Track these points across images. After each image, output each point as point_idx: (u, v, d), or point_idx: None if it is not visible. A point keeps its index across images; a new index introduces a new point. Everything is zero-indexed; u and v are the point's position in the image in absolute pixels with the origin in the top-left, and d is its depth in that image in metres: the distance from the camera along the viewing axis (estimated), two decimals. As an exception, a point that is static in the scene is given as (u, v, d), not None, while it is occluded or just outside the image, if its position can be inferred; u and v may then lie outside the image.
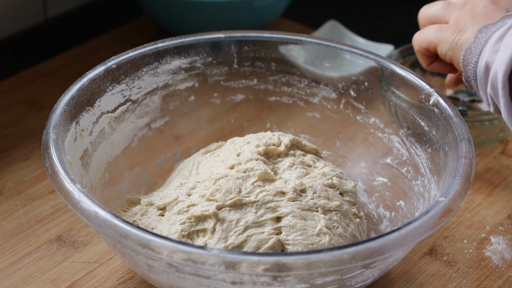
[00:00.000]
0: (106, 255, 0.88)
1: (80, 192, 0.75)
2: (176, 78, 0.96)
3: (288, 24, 1.29)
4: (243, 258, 0.69)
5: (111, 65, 0.91)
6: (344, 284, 0.76)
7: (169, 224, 0.81)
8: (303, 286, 0.74)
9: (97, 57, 1.17)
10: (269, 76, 0.99)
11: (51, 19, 1.25)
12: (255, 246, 0.79)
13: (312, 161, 0.88)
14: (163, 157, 0.97)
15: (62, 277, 0.85)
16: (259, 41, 0.97)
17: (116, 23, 1.29)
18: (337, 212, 0.83)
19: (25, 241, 0.89)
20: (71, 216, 0.93)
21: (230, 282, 0.73)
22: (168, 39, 0.95)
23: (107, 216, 0.72)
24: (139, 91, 0.94)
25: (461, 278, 0.87)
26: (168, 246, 0.70)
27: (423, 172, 0.88)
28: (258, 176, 0.83)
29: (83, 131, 0.87)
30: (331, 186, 0.85)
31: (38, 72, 1.17)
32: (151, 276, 0.78)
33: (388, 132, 0.94)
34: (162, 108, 0.96)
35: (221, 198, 0.81)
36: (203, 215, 0.81)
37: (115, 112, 0.91)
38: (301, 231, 0.80)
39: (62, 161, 0.78)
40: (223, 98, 0.99)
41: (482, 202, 0.97)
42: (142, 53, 0.93)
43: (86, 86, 0.88)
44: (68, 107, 0.85)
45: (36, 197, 0.95)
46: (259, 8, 1.20)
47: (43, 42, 1.23)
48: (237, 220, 0.80)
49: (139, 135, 0.95)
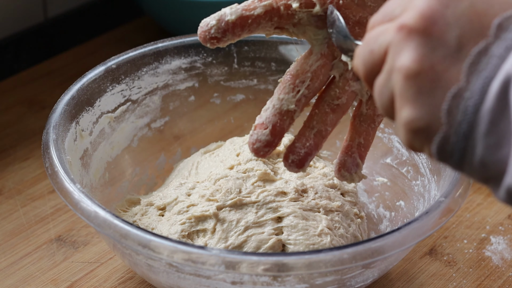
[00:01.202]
0: (106, 255, 0.88)
1: (80, 192, 0.75)
2: (176, 78, 0.96)
3: (288, 24, 1.29)
4: (243, 258, 0.69)
5: (111, 65, 0.91)
6: (344, 284, 0.76)
7: (169, 224, 0.81)
8: (303, 286, 0.74)
9: (97, 57, 1.17)
10: (269, 76, 0.99)
11: (51, 19, 1.25)
12: (255, 246, 0.79)
13: (312, 161, 0.88)
14: (163, 157, 0.97)
15: (62, 277, 0.85)
16: (259, 41, 0.97)
17: (116, 23, 1.29)
18: (339, 213, 0.83)
19: (25, 241, 0.89)
20: (71, 216, 0.93)
21: (230, 282, 0.73)
22: (168, 39, 0.95)
23: (107, 216, 0.72)
24: (139, 91, 0.94)
25: (461, 278, 0.87)
26: (168, 246, 0.70)
27: (423, 172, 0.88)
28: (258, 177, 0.83)
29: (83, 131, 0.87)
30: (332, 186, 0.85)
31: (38, 72, 1.17)
32: (151, 276, 0.78)
33: (388, 132, 0.94)
34: (162, 108, 0.96)
35: (221, 198, 0.81)
36: (203, 215, 0.81)
37: (115, 112, 0.91)
38: (303, 231, 0.80)
39: (62, 161, 0.78)
40: (223, 98, 0.99)
41: (482, 202, 0.97)
42: (142, 53, 0.93)
43: (86, 86, 0.88)
44: (68, 107, 0.85)
45: (36, 197, 0.95)
46: (259, 8, 1.20)
47: (43, 42, 1.23)
48: (238, 220, 0.80)
49: (139, 135, 0.95)
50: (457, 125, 0.49)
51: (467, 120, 0.49)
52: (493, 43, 0.49)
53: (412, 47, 0.50)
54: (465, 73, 0.49)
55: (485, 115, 0.48)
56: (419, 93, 0.50)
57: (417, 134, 0.51)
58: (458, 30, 0.49)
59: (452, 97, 0.49)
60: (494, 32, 0.49)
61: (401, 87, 0.51)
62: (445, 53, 0.49)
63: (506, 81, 0.47)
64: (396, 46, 0.51)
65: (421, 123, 0.50)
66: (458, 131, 0.49)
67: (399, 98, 0.51)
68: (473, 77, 0.49)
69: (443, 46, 0.49)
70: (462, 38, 0.49)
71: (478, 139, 0.49)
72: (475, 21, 0.49)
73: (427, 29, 0.50)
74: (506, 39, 0.49)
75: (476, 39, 0.49)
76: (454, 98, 0.49)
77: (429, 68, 0.50)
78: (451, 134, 0.50)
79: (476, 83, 0.48)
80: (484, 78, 0.48)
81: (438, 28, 0.50)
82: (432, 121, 0.50)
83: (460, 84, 0.49)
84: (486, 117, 0.48)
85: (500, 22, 0.49)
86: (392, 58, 0.51)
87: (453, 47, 0.49)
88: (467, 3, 0.50)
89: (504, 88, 0.47)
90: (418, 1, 0.51)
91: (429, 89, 0.50)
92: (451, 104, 0.49)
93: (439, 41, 0.50)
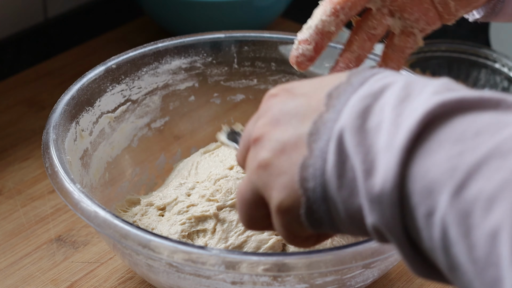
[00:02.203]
0: (106, 255, 0.88)
1: (80, 192, 0.75)
2: (176, 78, 0.96)
3: (288, 24, 1.29)
4: (243, 258, 0.69)
5: (111, 65, 0.91)
6: (344, 284, 0.76)
7: (169, 225, 0.81)
8: (303, 286, 0.74)
9: (97, 57, 1.16)
10: (269, 76, 0.99)
11: (51, 19, 1.25)
12: (255, 246, 0.79)
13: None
14: (163, 157, 0.97)
15: (62, 277, 0.85)
16: (259, 41, 0.97)
17: (116, 23, 1.29)
18: (338, 212, 0.83)
19: (25, 241, 0.89)
20: (71, 216, 0.93)
21: (230, 282, 0.73)
22: (168, 39, 0.95)
23: (107, 216, 0.72)
24: (139, 91, 0.94)
25: (461, 278, 0.87)
26: (168, 246, 0.70)
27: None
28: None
29: (83, 131, 0.87)
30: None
31: (38, 72, 1.17)
32: (151, 276, 0.78)
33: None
34: (162, 108, 0.96)
35: (222, 199, 0.81)
36: (204, 216, 0.81)
37: (115, 112, 0.91)
38: (303, 231, 0.80)
39: (62, 161, 0.78)
40: (223, 98, 0.99)
41: (482, 202, 0.97)
42: (142, 53, 0.93)
43: (86, 86, 0.88)
44: (68, 107, 0.85)
45: (36, 197, 0.95)
46: (259, 8, 1.20)
47: (43, 42, 1.23)
48: (238, 220, 0.80)
49: (139, 135, 0.95)
50: (312, 191, 0.52)
51: (319, 183, 0.52)
52: (327, 111, 0.53)
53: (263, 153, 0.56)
54: (307, 144, 0.53)
55: (331, 172, 0.51)
56: (272, 180, 0.54)
57: (285, 214, 0.54)
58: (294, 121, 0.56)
59: (300, 167, 0.53)
60: (325, 102, 0.54)
61: (257, 179, 0.55)
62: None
63: (340, 135, 0.51)
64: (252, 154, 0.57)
65: (286, 203, 0.54)
66: (315, 196, 0.52)
67: (262, 186, 0.55)
68: (313, 145, 0.53)
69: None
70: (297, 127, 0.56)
71: (335, 197, 0.52)
72: (303, 115, 0.56)
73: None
74: (336, 104, 0.53)
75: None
76: (302, 168, 0.53)
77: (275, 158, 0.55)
78: (312, 202, 0.53)
79: (316, 148, 0.52)
80: (323, 141, 0.52)
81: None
82: (294, 197, 0.53)
83: (305, 155, 0.53)
84: (332, 173, 0.51)
85: (329, 92, 0.54)
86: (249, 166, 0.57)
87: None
88: (294, 103, 0.57)
89: (339, 142, 0.51)
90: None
91: (279, 171, 0.54)
92: (301, 175, 0.53)
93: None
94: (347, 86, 0.54)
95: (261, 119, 0.58)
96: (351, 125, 0.51)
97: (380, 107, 0.51)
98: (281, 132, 0.55)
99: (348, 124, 0.51)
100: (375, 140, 0.50)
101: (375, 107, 0.51)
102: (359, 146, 0.50)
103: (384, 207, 0.49)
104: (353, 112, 0.52)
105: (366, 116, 0.51)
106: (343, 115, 0.52)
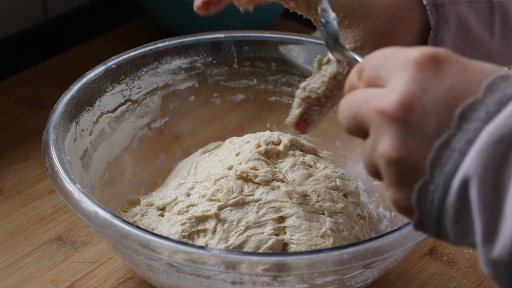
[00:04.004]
0: (106, 255, 0.88)
1: (80, 192, 0.75)
2: (176, 78, 0.96)
3: (288, 24, 1.29)
4: (243, 258, 0.69)
5: (111, 65, 0.91)
6: (344, 284, 0.76)
7: (169, 225, 0.81)
8: (303, 286, 0.74)
9: (97, 57, 1.16)
10: (269, 76, 0.99)
11: (51, 19, 1.25)
12: (254, 246, 0.79)
13: (313, 161, 0.88)
14: (163, 157, 0.97)
15: (62, 277, 0.85)
16: (259, 41, 0.97)
17: (116, 23, 1.29)
18: (342, 214, 0.83)
19: (25, 241, 0.89)
20: (71, 216, 0.93)
21: (230, 282, 0.73)
22: (168, 39, 0.95)
23: (107, 216, 0.72)
24: (139, 91, 0.94)
25: (461, 278, 0.87)
26: (169, 246, 0.70)
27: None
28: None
29: (83, 131, 0.87)
30: (335, 188, 0.85)
31: (38, 72, 1.17)
32: (151, 276, 0.78)
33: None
34: (162, 108, 0.96)
35: (224, 198, 0.81)
36: (204, 216, 0.80)
37: (115, 112, 0.91)
38: (306, 231, 0.79)
39: (62, 161, 0.78)
40: (223, 98, 0.99)
41: (482, 202, 0.97)
42: (142, 53, 0.93)
43: (86, 86, 0.88)
44: (68, 107, 0.85)
45: (36, 197, 0.95)
46: (259, 8, 1.19)
47: (43, 42, 1.23)
48: (238, 220, 0.80)
49: (139, 135, 0.95)
50: (427, 213, 0.52)
51: (435, 211, 0.52)
52: (455, 135, 0.50)
53: (392, 135, 0.52)
54: (429, 167, 0.51)
55: (450, 208, 0.51)
56: (400, 179, 0.53)
57: (402, 211, 0.54)
58: (435, 117, 0.51)
59: (419, 189, 0.52)
60: (456, 123, 0.50)
61: (384, 171, 0.54)
62: (423, 140, 0.51)
63: (465, 180, 0.49)
64: (377, 128, 0.53)
65: (403, 204, 0.54)
66: (429, 218, 0.52)
67: (384, 178, 0.54)
68: (436, 171, 0.51)
69: (422, 133, 0.51)
70: (439, 125, 0.51)
71: (448, 226, 0.52)
72: (451, 106, 0.51)
73: (405, 117, 0.51)
74: (467, 130, 0.50)
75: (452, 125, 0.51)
76: (420, 191, 0.52)
77: (409, 155, 0.52)
78: (424, 220, 0.53)
79: (439, 178, 0.51)
80: (446, 174, 0.50)
81: (416, 117, 0.51)
82: (411, 203, 0.53)
83: (425, 178, 0.51)
84: (451, 210, 0.51)
85: (462, 111, 0.50)
86: (373, 139, 0.54)
87: (431, 134, 0.51)
88: (445, 85, 0.51)
89: (463, 186, 0.50)
90: (398, 83, 0.52)
91: (410, 175, 0.52)
92: (419, 196, 0.52)
93: (418, 129, 0.51)
94: (482, 107, 0.50)
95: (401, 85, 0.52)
96: (480, 177, 0.48)
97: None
98: (418, 130, 0.51)
99: (477, 173, 0.49)
100: (504, 197, 0.48)
101: (511, 155, 0.48)
102: (485, 206, 0.49)
103: (499, 270, 0.49)
104: (484, 157, 0.48)
105: (500, 167, 0.48)
106: (472, 153, 0.49)
